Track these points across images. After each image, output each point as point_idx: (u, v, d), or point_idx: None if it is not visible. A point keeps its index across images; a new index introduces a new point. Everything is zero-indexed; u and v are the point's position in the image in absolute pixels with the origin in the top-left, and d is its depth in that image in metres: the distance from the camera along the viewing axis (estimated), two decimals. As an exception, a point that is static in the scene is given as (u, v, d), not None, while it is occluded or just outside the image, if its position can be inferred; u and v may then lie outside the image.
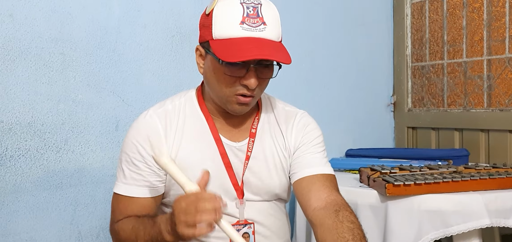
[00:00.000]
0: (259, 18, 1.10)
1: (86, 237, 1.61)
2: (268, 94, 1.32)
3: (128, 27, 1.68)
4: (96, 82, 1.61)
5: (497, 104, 2.06)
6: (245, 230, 1.21)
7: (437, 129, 2.27)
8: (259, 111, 1.27)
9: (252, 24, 1.09)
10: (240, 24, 1.08)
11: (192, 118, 1.22)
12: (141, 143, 1.18)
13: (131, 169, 1.19)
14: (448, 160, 1.90)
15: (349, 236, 1.05)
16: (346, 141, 2.27)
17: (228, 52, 1.07)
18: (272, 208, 1.27)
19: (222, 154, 1.21)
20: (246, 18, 1.09)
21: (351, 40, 2.30)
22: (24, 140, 1.48)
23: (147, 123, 1.20)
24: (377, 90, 2.41)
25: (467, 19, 2.15)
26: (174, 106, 1.23)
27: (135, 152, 1.18)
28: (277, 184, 1.25)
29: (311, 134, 1.28)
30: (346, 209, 1.12)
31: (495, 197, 1.46)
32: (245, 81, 1.11)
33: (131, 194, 1.19)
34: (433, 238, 1.46)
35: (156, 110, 1.22)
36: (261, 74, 1.13)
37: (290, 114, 1.30)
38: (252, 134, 1.24)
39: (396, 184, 1.47)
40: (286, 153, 1.26)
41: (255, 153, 1.23)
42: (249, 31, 1.09)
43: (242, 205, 1.22)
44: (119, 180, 1.21)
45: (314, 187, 1.19)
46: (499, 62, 2.04)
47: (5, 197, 1.46)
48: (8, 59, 1.45)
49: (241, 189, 1.22)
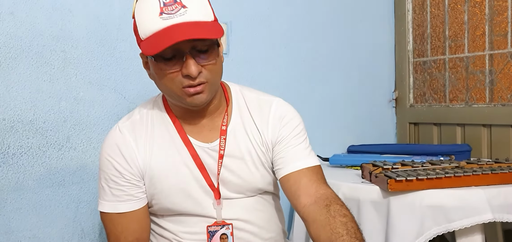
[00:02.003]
0: (176, 3, 1.05)
1: (88, 234, 1.61)
2: (240, 86, 1.28)
3: (129, 24, 1.67)
4: (97, 79, 1.61)
5: (499, 99, 2.05)
6: (223, 231, 1.20)
7: (439, 124, 2.27)
8: (229, 107, 1.23)
9: (171, 12, 1.05)
10: (159, 16, 1.04)
11: (160, 125, 1.20)
12: (115, 158, 1.17)
13: (111, 186, 1.18)
14: (450, 155, 1.90)
15: (343, 231, 1.03)
16: (348, 137, 2.27)
17: (151, 46, 1.04)
18: (258, 203, 1.25)
19: (194, 156, 1.18)
20: (163, 8, 1.05)
21: (352, 36, 2.29)
22: (26, 137, 1.49)
23: (118, 137, 1.19)
24: (378, 86, 2.41)
25: (468, 13, 2.15)
26: (141, 116, 1.22)
27: (111, 168, 1.17)
28: (259, 179, 1.22)
29: (289, 125, 1.23)
30: (336, 203, 1.10)
31: (498, 192, 1.46)
32: (185, 71, 1.06)
33: (118, 210, 1.18)
34: (436, 233, 1.46)
35: (124, 123, 1.21)
36: (202, 60, 1.08)
37: (264, 104, 1.24)
38: (223, 131, 1.20)
39: (398, 179, 1.47)
40: (263, 147, 1.22)
41: (229, 151, 1.20)
42: (169, 20, 1.04)
43: (219, 206, 1.20)
44: (102, 198, 1.20)
45: (302, 183, 1.16)
46: (501, 57, 2.04)
47: (8, 194, 1.46)
48: (9, 57, 1.45)
49: (217, 189, 1.20)
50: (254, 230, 1.23)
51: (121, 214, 1.18)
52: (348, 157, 2.06)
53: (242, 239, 1.22)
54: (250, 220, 1.23)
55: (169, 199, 1.19)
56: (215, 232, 1.19)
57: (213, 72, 1.11)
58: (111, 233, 1.20)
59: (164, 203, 1.20)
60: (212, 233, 1.20)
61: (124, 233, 1.18)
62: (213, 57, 1.10)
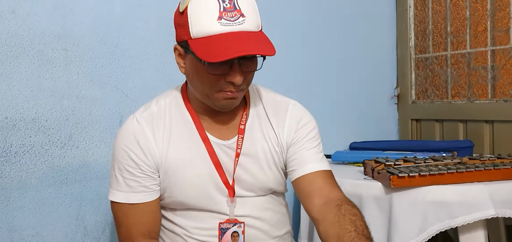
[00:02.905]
0: (236, 10, 1.05)
1: (91, 232, 1.61)
2: (256, 86, 1.29)
3: (130, 22, 1.68)
4: (99, 77, 1.61)
5: (501, 95, 2.05)
6: (234, 229, 1.20)
7: (441, 120, 2.27)
8: (247, 106, 1.25)
9: (230, 18, 1.04)
10: (218, 20, 1.04)
11: (178, 118, 1.20)
12: (131, 148, 1.16)
13: (125, 176, 1.17)
14: (453, 152, 1.90)
15: (352, 228, 1.05)
16: (350, 134, 2.27)
17: (209, 52, 1.03)
18: (268, 202, 1.26)
19: (211, 153, 1.19)
20: (223, 13, 1.04)
21: (354, 33, 2.29)
22: (28, 136, 1.49)
23: (135, 127, 1.18)
24: (380, 83, 2.40)
25: (470, 9, 2.14)
26: (159, 108, 1.21)
27: (127, 158, 1.16)
28: (271, 179, 1.24)
29: (305, 127, 1.25)
30: (348, 203, 1.12)
31: (500, 187, 1.46)
32: (231, 79, 1.07)
33: (131, 201, 1.17)
34: (438, 229, 1.46)
35: (141, 114, 1.20)
36: (246, 68, 1.09)
37: (281, 106, 1.26)
38: (241, 130, 1.21)
39: (401, 175, 1.47)
40: (278, 148, 1.23)
41: (245, 150, 1.21)
42: (228, 26, 1.04)
43: (233, 204, 1.20)
44: (115, 188, 1.19)
45: (316, 185, 1.18)
46: (503, 52, 2.03)
47: (11, 193, 1.46)
48: (11, 56, 1.45)
49: (232, 187, 1.21)
50: (264, 228, 1.24)
51: (134, 205, 1.17)
52: (350, 153, 2.06)
53: (252, 236, 1.23)
54: (261, 217, 1.24)
55: (183, 193, 1.19)
56: (226, 229, 1.19)
57: (248, 81, 1.15)
58: (123, 224, 1.18)
59: (177, 196, 1.20)
60: (223, 230, 1.20)
61: (136, 225, 1.17)
62: (254, 67, 1.12)
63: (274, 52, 1.07)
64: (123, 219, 1.18)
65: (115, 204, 1.19)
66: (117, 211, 1.19)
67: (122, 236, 1.19)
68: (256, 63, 1.12)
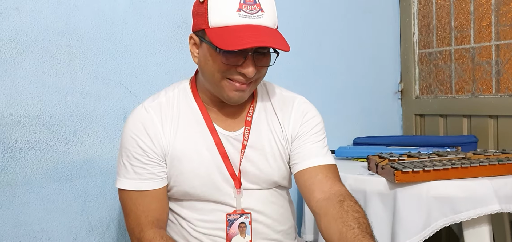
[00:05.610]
0: (256, 4, 1.08)
1: (96, 228, 1.62)
2: (264, 81, 1.30)
3: (134, 18, 1.68)
4: (103, 74, 1.62)
5: (506, 90, 2.04)
6: (241, 220, 1.21)
7: (445, 115, 2.26)
8: (255, 100, 1.26)
9: (249, 11, 1.07)
10: (237, 11, 1.06)
11: (186, 109, 1.22)
12: (139, 136, 1.18)
13: (133, 163, 1.18)
14: (457, 147, 1.90)
15: (355, 224, 1.04)
16: (353, 129, 2.27)
17: (225, 40, 1.05)
18: (272, 195, 1.26)
19: (218, 144, 1.20)
20: (243, 5, 1.07)
21: (357, 28, 2.28)
22: (33, 132, 1.49)
23: (143, 116, 1.19)
24: (384, 78, 2.40)
25: (474, 4, 2.13)
26: (168, 98, 1.23)
27: (135, 146, 1.18)
28: (276, 172, 1.24)
29: (310, 121, 1.26)
30: (350, 199, 1.12)
31: (505, 182, 1.46)
32: (243, 70, 1.09)
33: (140, 188, 1.18)
34: (442, 224, 1.46)
35: (150, 103, 1.21)
36: (259, 62, 1.11)
37: (288, 100, 1.28)
38: (248, 122, 1.23)
39: (405, 171, 1.46)
40: (283, 141, 1.24)
41: (251, 142, 1.22)
42: (247, 18, 1.07)
43: (240, 195, 1.21)
44: (123, 175, 1.20)
45: (317, 179, 1.19)
46: (508, 47, 2.03)
47: (16, 189, 1.47)
48: (15, 52, 1.46)
49: (239, 178, 1.21)
50: (268, 222, 1.25)
51: (142, 192, 1.18)
52: (354, 149, 2.06)
53: (256, 230, 1.23)
54: (265, 211, 1.24)
55: (189, 183, 1.20)
56: (234, 220, 1.20)
57: (261, 75, 1.16)
58: (131, 212, 1.19)
59: (183, 186, 1.20)
60: (231, 221, 1.21)
61: (145, 212, 1.18)
62: (267, 62, 1.14)
63: (288, 49, 1.09)
64: (132, 207, 1.19)
65: (123, 192, 1.20)
66: (126, 199, 1.20)
67: (131, 225, 1.19)
68: (269, 59, 1.14)
